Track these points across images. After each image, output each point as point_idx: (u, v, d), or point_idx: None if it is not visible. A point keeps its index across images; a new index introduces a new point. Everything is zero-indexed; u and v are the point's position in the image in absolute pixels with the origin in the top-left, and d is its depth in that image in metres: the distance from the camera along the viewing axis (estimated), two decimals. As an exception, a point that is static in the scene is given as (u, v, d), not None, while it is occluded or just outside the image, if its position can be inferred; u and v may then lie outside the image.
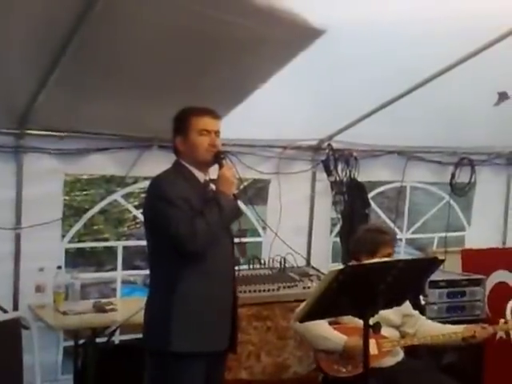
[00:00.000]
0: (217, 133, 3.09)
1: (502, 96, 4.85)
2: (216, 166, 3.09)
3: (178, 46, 3.66)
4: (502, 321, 3.82)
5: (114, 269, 5.23)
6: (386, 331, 3.51)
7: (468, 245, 6.07)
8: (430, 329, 3.75)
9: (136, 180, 5.05)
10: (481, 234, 6.17)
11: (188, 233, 2.81)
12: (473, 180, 5.94)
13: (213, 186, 3.11)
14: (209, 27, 3.49)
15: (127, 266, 5.27)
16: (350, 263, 3.59)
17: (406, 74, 4.41)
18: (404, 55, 4.07)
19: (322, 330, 3.47)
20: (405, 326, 3.77)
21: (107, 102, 4.07)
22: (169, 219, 2.84)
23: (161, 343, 2.90)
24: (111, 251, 6.80)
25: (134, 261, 6.68)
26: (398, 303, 3.21)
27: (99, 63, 3.66)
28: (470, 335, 3.59)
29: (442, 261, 3.14)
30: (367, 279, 2.82)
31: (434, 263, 3.11)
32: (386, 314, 3.45)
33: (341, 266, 2.78)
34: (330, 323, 3.52)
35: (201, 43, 3.64)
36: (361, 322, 2.94)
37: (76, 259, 5.80)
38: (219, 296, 3.02)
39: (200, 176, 3.09)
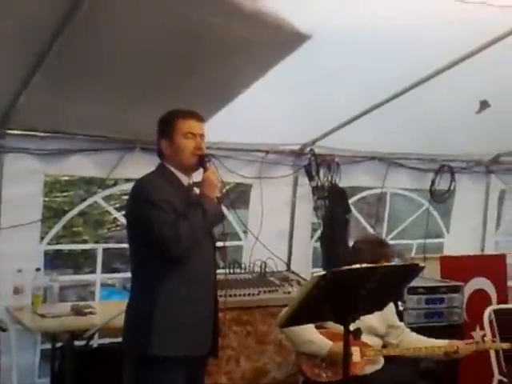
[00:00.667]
0: (202, 136, 3.08)
1: (484, 104, 4.89)
2: (200, 170, 3.08)
3: (162, 49, 3.64)
4: (487, 339, 3.82)
5: (93, 271, 5.18)
6: (369, 339, 3.52)
7: (447, 252, 6.12)
8: (414, 341, 3.75)
9: (117, 182, 5.02)
10: (459, 241, 6.22)
11: (172, 236, 2.80)
12: (452, 187, 5.98)
13: (196, 190, 3.10)
14: (195, 30, 3.48)
15: (106, 268, 5.23)
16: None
17: (389, 81, 4.44)
18: (387, 63, 4.10)
19: (309, 333, 3.47)
20: (389, 336, 3.77)
21: (90, 102, 4.03)
22: (152, 222, 2.81)
23: (142, 346, 2.87)
24: (90, 254, 6.74)
25: (113, 263, 6.62)
26: (378, 308, 3.21)
27: (82, 64, 3.63)
28: (452, 350, 3.60)
29: (423, 268, 3.14)
30: (348, 285, 2.81)
31: (414, 270, 3.12)
32: (371, 322, 3.47)
33: (322, 272, 2.77)
34: (316, 327, 3.52)
35: (186, 46, 3.64)
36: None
37: (54, 261, 5.74)
38: (201, 300, 3.00)
39: (184, 179, 3.08)
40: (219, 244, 3.26)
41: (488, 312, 4.71)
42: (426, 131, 5.30)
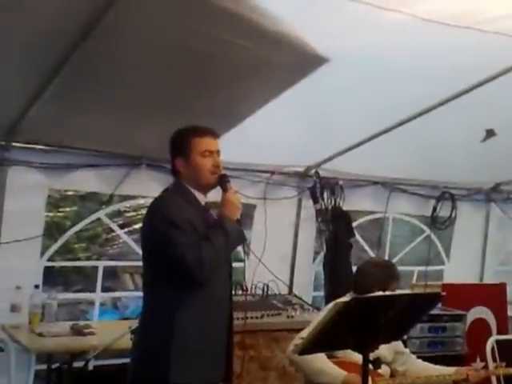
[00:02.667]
0: (218, 152, 2.98)
1: (490, 133, 4.90)
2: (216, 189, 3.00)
3: (174, 67, 3.59)
4: (494, 364, 3.78)
5: (84, 289, 5.04)
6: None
7: (446, 279, 6.09)
8: (422, 368, 3.66)
9: (122, 198, 4.91)
10: (459, 268, 6.20)
11: (195, 258, 2.69)
12: (453, 214, 5.96)
13: (212, 210, 3.02)
14: (210, 48, 3.42)
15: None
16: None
17: (396, 107, 4.43)
18: (395, 90, 4.09)
19: (320, 362, 3.35)
20: (395, 363, 3.68)
21: (97, 117, 3.96)
22: (175, 244, 2.71)
23: (158, 373, 2.76)
24: (84, 271, 6.61)
25: (105, 282, 6.48)
26: (397, 338, 3.16)
27: (93, 79, 3.57)
28: (462, 378, 3.53)
29: (443, 296, 3.10)
30: (370, 312, 2.75)
31: (434, 298, 3.08)
32: (381, 350, 3.38)
33: (345, 298, 2.70)
34: (328, 357, 3.42)
35: (201, 64, 3.58)
36: (357, 356, 2.87)
37: (49, 278, 5.59)
38: (218, 326, 2.91)
39: (201, 198, 2.97)
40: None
41: (490, 343, 4.65)
42: (428, 158, 5.31)
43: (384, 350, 3.51)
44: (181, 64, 3.58)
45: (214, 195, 3.06)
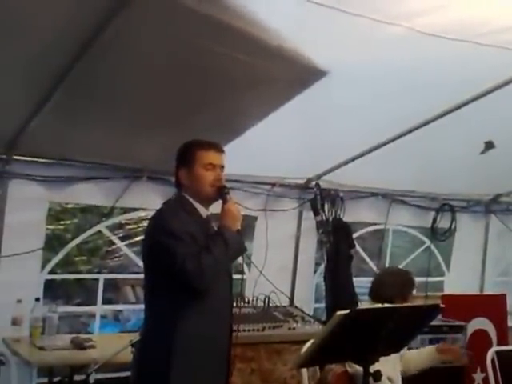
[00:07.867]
0: (222, 167, 3.01)
1: (488, 145, 4.92)
2: (218, 203, 3.01)
3: (175, 80, 3.60)
4: None
5: (85, 302, 5.03)
6: (395, 375, 3.45)
7: (447, 290, 6.10)
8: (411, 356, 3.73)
9: (123, 211, 4.92)
10: (459, 279, 6.22)
11: (195, 269, 2.71)
12: (453, 226, 5.98)
13: (214, 223, 3.03)
14: (211, 62, 3.45)
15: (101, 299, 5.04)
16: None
17: (396, 120, 4.47)
18: (394, 102, 4.11)
19: None
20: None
21: (99, 130, 3.99)
22: (175, 254, 2.72)
23: (158, 385, 2.77)
24: (84, 283, 6.61)
25: (106, 294, 6.48)
26: (398, 349, 3.16)
27: (94, 93, 3.59)
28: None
29: (442, 308, 3.12)
30: (370, 324, 2.77)
31: (434, 310, 3.10)
32: (392, 358, 3.38)
33: (346, 311, 2.70)
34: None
35: (201, 78, 3.62)
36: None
37: (50, 291, 5.59)
38: (218, 337, 2.92)
39: (203, 211, 2.99)
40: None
41: (491, 354, 4.65)
42: (428, 170, 5.33)
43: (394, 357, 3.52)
44: (181, 78, 3.60)
45: (218, 208, 3.07)
